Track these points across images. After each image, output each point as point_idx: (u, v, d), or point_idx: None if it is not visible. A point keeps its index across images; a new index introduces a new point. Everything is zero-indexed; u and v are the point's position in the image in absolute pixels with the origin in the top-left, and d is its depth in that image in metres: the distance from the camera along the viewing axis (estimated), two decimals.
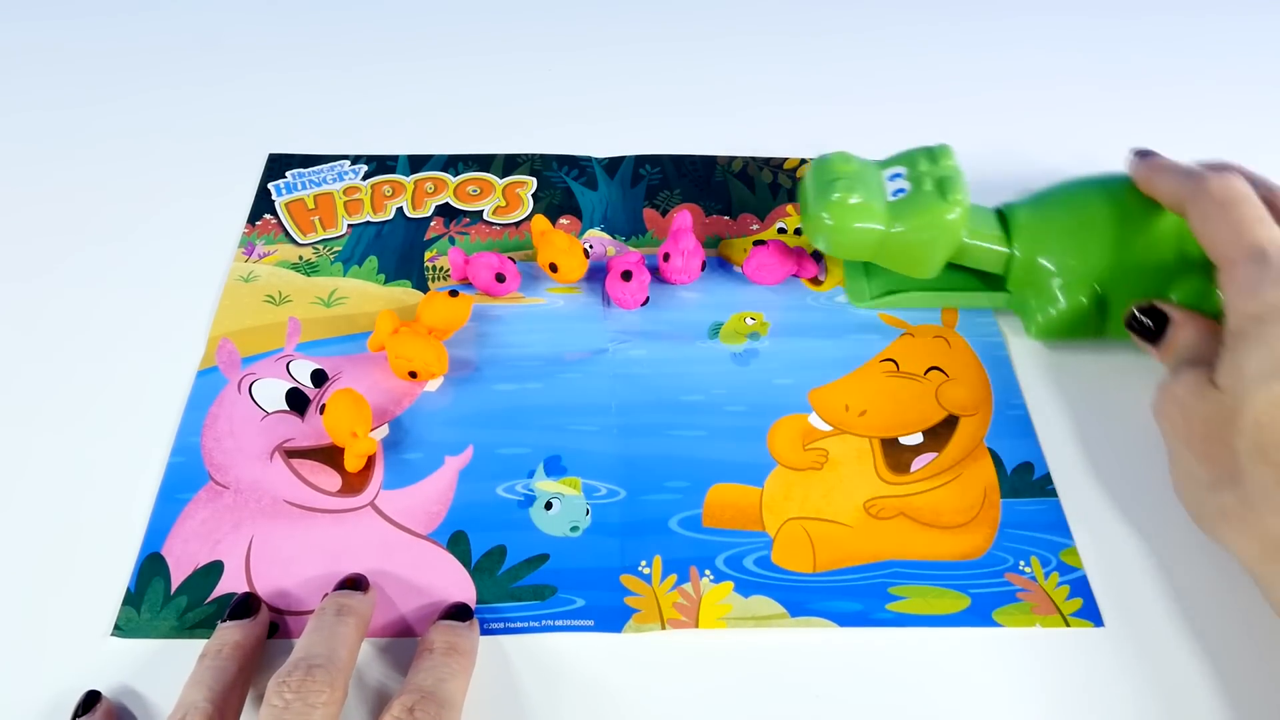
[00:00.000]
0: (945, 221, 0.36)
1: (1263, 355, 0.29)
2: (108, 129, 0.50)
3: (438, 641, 0.29)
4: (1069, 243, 0.38)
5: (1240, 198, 0.32)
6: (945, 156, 0.38)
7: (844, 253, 0.39)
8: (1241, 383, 0.29)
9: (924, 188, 0.37)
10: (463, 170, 0.48)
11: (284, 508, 0.34)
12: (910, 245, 0.37)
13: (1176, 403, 0.32)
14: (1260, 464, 0.28)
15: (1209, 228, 0.33)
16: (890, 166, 0.39)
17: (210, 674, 0.28)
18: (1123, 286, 0.38)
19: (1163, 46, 0.60)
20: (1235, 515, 0.29)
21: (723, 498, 0.35)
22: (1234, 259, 0.31)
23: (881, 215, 0.37)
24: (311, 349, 0.39)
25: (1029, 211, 0.39)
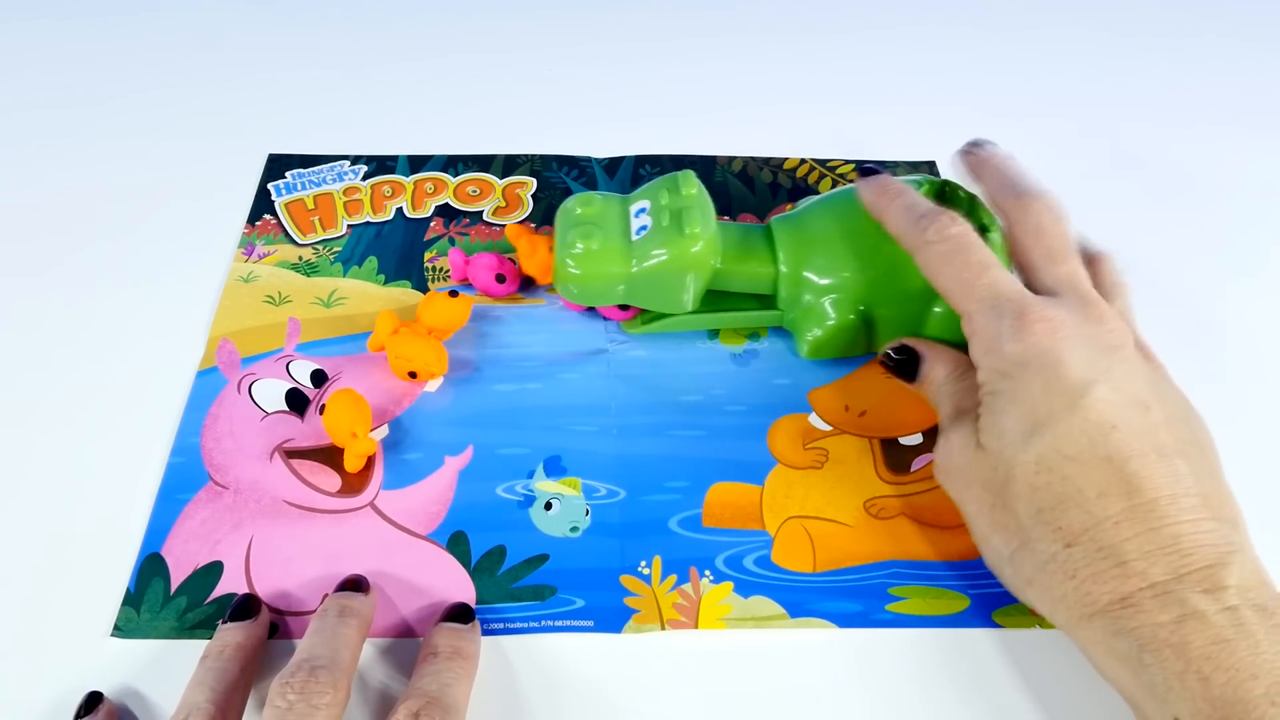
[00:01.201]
0: (689, 255, 0.35)
1: (1017, 414, 0.28)
2: (108, 129, 0.50)
3: (441, 645, 0.29)
4: (833, 258, 0.37)
5: (961, 245, 0.31)
6: (687, 185, 0.37)
7: (595, 300, 0.38)
8: (1004, 445, 0.28)
9: (662, 223, 0.36)
10: (463, 171, 0.48)
11: (284, 508, 0.34)
12: (659, 282, 0.36)
13: (957, 467, 0.31)
14: (1042, 528, 0.28)
15: (939, 280, 0.31)
16: (635, 201, 0.38)
17: (212, 675, 0.28)
18: (889, 302, 0.37)
19: (1170, 45, 0.60)
20: (1038, 583, 0.28)
21: (723, 497, 0.35)
22: (969, 311, 0.30)
23: (623, 257, 0.36)
24: (311, 349, 0.39)
25: (792, 226, 0.38)
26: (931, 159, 0.50)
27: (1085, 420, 0.27)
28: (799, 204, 0.40)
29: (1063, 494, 0.27)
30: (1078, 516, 0.27)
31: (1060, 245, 0.31)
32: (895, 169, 0.49)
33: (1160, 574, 0.26)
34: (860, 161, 0.50)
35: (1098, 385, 0.27)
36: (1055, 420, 0.27)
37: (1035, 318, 0.28)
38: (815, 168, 0.49)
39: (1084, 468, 0.27)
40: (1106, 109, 0.54)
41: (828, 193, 0.39)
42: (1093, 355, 0.28)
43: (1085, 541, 0.27)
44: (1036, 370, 0.28)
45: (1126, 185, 0.49)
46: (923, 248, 0.32)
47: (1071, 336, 0.28)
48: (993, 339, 0.29)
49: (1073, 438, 0.27)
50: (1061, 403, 0.27)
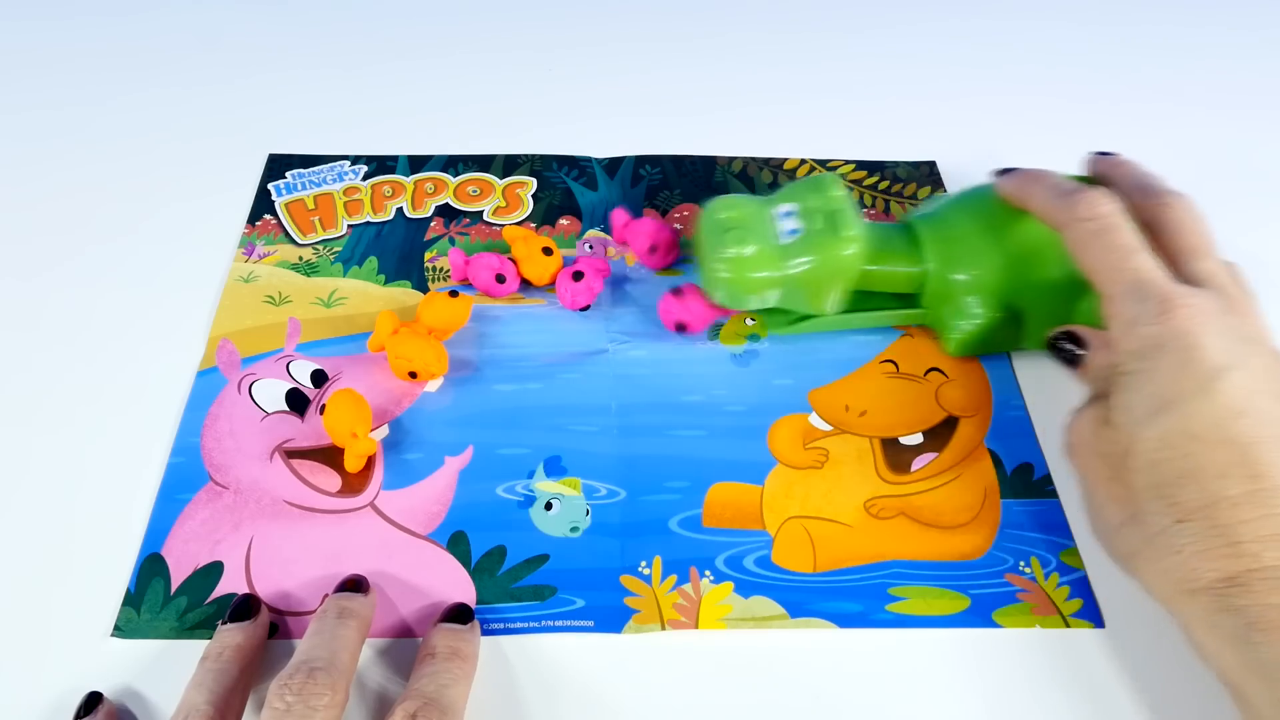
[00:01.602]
0: (842, 258, 0.35)
1: (1148, 393, 0.29)
2: (108, 129, 0.50)
3: (440, 646, 0.29)
4: (979, 255, 0.37)
5: (1109, 225, 0.31)
6: (833, 187, 0.36)
7: (746, 303, 0.37)
8: (1131, 421, 0.29)
9: (815, 225, 0.36)
10: (463, 171, 0.48)
11: (284, 508, 0.34)
12: (811, 285, 0.36)
13: (1083, 442, 0.32)
14: (1157, 502, 0.28)
15: (1084, 258, 0.32)
16: (779, 204, 0.37)
17: (212, 676, 0.28)
18: (1036, 298, 0.37)
19: (1162, 47, 0.60)
20: (1143, 555, 0.29)
21: (723, 496, 0.35)
22: (1111, 294, 0.31)
23: (777, 261, 0.36)
24: (311, 349, 0.39)
25: (936, 225, 0.38)
26: (932, 159, 0.50)
27: (1215, 403, 0.27)
28: (932, 201, 0.40)
29: (1183, 470, 0.27)
30: (1195, 493, 0.27)
31: (1204, 242, 0.32)
32: (895, 169, 0.49)
33: (1274, 558, 0.26)
34: (861, 161, 0.50)
35: (1233, 371, 0.28)
36: (1185, 400, 0.28)
37: (1180, 303, 0.29)
38: (815, 168, 0.49)
39: (1207, 447, 0.27)
40: (1107, 109, 0.54)
41: (965, 189, 0.39)
42: (1231, 343, 0.28)
43: (1199, 518, 0.27)
44: (1172, 352, 0.28)
45: None
46: (1071, 224, 0.32)
47: (1213, 324, 0.28)
48: (1133, 321, 0.29)
49: (1200, 418, 0.27)
50: (1193, 384, 0.28)
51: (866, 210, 0.47)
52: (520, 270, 0.41)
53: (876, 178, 0.49)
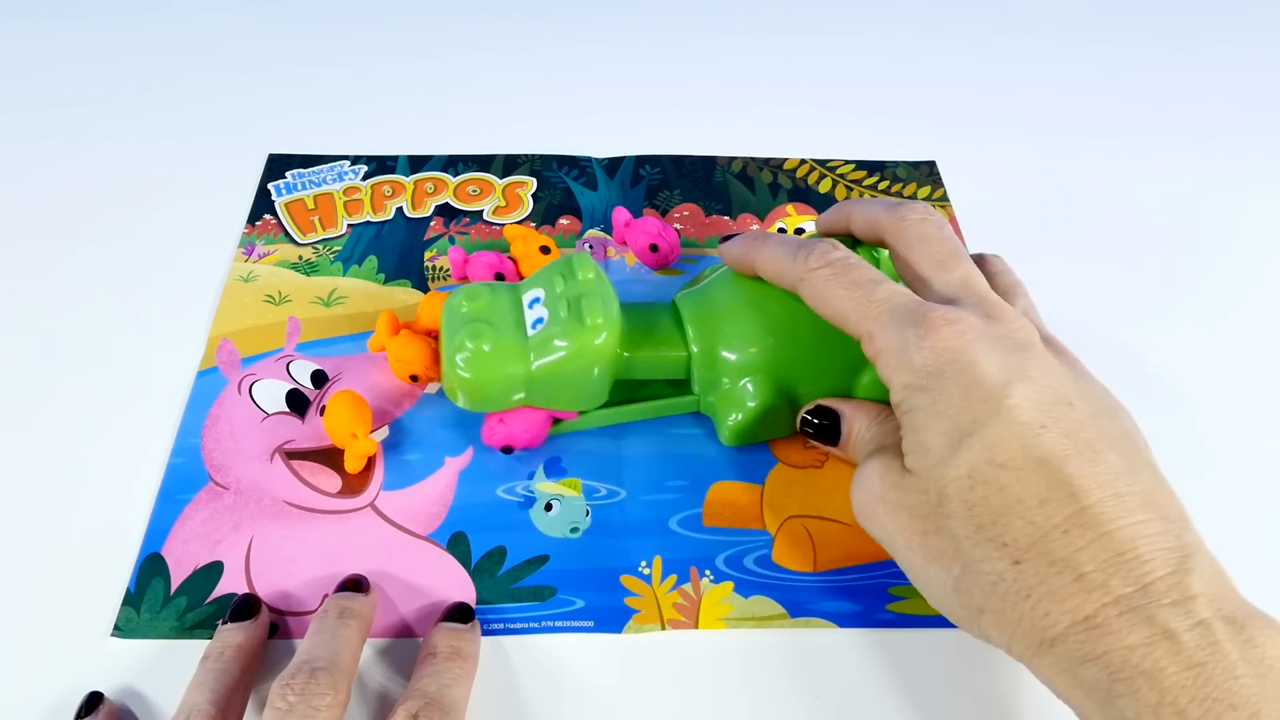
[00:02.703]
0: (592, 347, 0.32)
1: (940, 427, 0.26)
2: (107, 129, 0.50)
3: (441, 646, 0.29)
4: (744, 333, 0.34)
5: (844, 266, 0.29)
6: (583, 269, 0.33)
7: (492, 404, 0.33)
8: (931, 464, 0.26)
9: (559, 313, 0.32)
10: (463, 170, 0.48)
11: (284, 509, 0.34)
12: (562, 380, 0.32)
13: (878, 500, 0.28)
14: (985, 547, 0.25)
15: (830, 305, 0.29)
16: (528, 290, 0.34)
17: (212, 676, 0.28)
18: (812, 377, 0.34)
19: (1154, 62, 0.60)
20: (990, 610, 0.25)
21: (723, 496, 0.35)
22: (869, 330, 0.28)
23: (520, 356, 0.32)
24: (311, 349, 0.39)
25: (699, 301, 0.35)
26: (932, 159, 0.50)
27: (1012, 422, 0.25)
28: (703, 275, 0.37)
29: (1001, 506, 0.25)
30: (1022, 529, 0.25)
31: (948, 249, 0.30)
32: (895, 169, 0.49)
33: (1123, 586, 0.23)
34: (861, 161, 0.50)
35: (1017, 384, 0.26)
36: (981, 426, 0.25)
37: (939, 322, 0.26)
38: (815, 168, 0.49)
39: (1020, 474, 0.25)
40: (1108, 109, 0.54)
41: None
42: (1005, 355, 0.26)
43: (1034, 556, 0.24)
44: (951, 376, 0.26)
45: (1128, 183, 0.49)
46: (806, 278, 0.30)
47: (980, 338, 0.26)
48: (899, 353, 0.27)
49: (1003, 443, 0.25)
50: (984, 407, 0.25)
51: None
52: (519, 269, 0.41)
53: (876, 178, 0.49)
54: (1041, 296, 0.43)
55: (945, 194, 0.48)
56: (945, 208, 0.47)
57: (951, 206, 0.47)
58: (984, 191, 0.48)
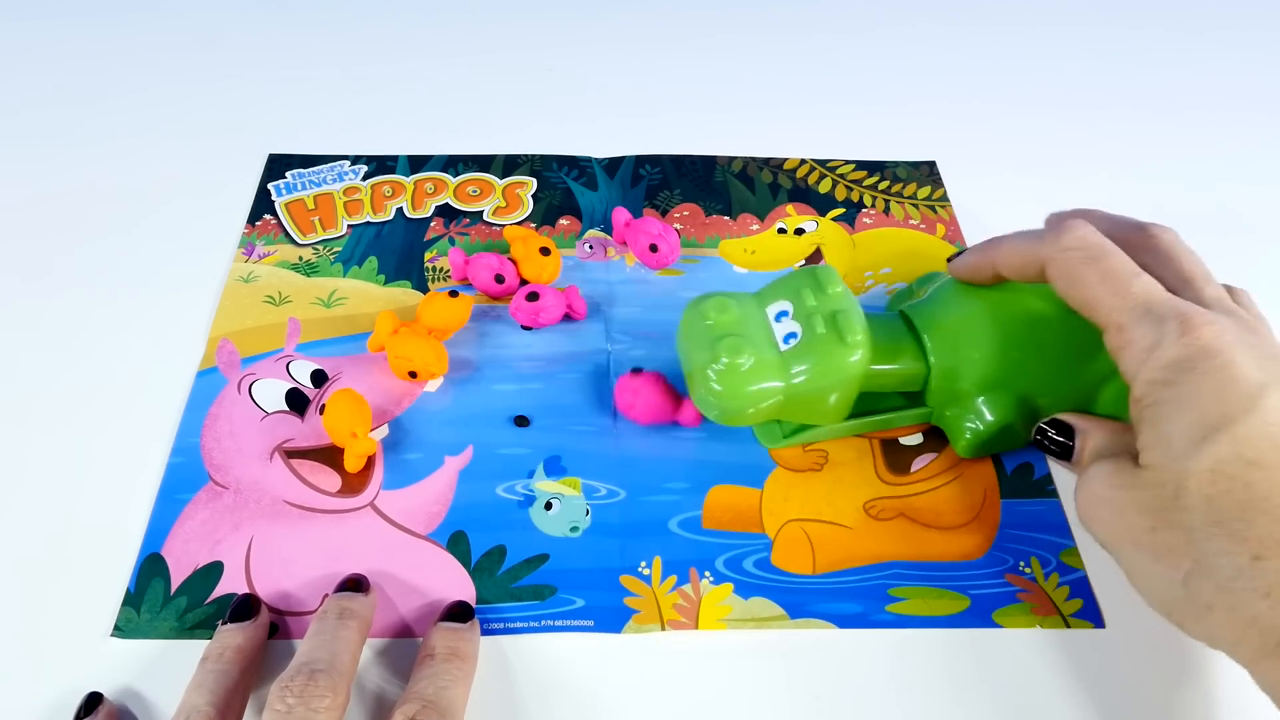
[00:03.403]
0: (848, 365, 0.32)
1: (1186, 420, 0.26)
2: (108, 129, 0.50)
3: (439, 646, 0.29)
4: (986, 347, 0.33)
5: (1100, 251, 0.29)
6: (831, 282, 0.33)
7: (741, 420, 0.33)
8: (1172, 455, 0.26)
9: (816, 330, 0.32)
10: (463, 171, 0.48)
11: (284, 508, 0.34)
12: (812, 394, 0.32)
13: (1103, 501, 0.28)
14: (1224, 540, 0.25)
15: (1080, 289, 0.29)
16: (772, 301, 0.33)
17: (212, 678, 0.28)
18: (1052, 389, 0.34)
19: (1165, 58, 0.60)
20: (1220, 606, 0.25)
21: (722, 499, 0.35)
22: (1120, 322, 0.28)
23: (778, 371, 0.32)
24: (311, 349, 0.39)
25: (934, 315, 0.34)
26: (932, 159, 0.50)
27: (1267, 422, 0.25)
28: (925, 287, 0.36)
29: (1246, 501, 0.24)
30: (1266, 525, 0.24)
31: (1202, 270, 0.30)
32: (895, 169, 0.49)
33: None
34: (861, 161, 0.50)
35: (1274, 387, 0.25)
36: (1233, 422, 0.25)
37: (1201, 322, 0.26)
38: (815, 168, 0.49)
39: (1270, 473, 0.24)
40: (1108, 108, 0.54)
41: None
42: (1263, 360, 0.26)
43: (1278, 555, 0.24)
44: (1205, 373, 0.26)
45: (1129, 183, 0.49)
46: (1058, 258, 0.30)
47: (1239, 341, 0.26)
48: (1149, 348, 0.27)
49: (1254, 440, 0.25)
50: (1238, 405, 0.25)
51: (866, 210, 0.47)
52: (519, 270, 0.41)
53: (876, 178, 0.49)
54: None
55: (945, 194, 0.48)
56: (945, 208, 0.47)
57: (951, 206, 0.47)
58: (984, 191, 0.48)
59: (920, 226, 0.46)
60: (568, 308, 0.40)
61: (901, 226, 0.46)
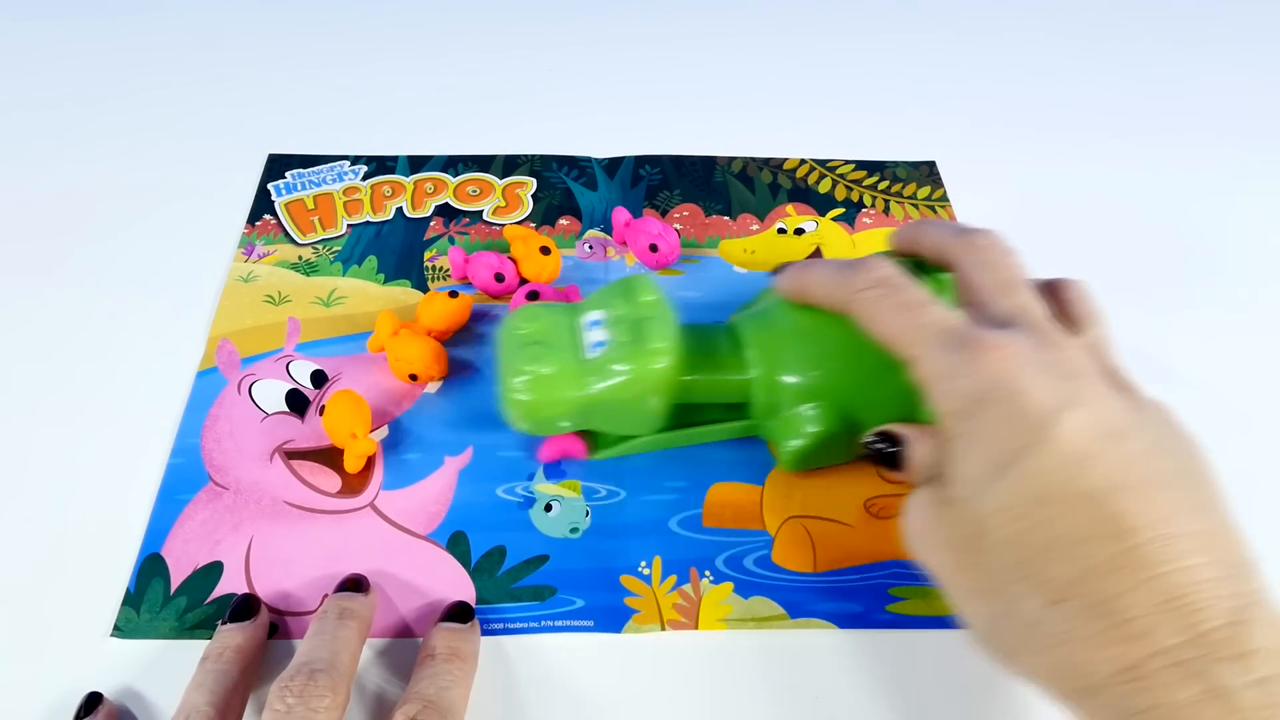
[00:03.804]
0: (652, 372, 0.31)
1: (979, 456, 0.25)
2: (107, 129, 0.50)
3: (440, 647, 0.29)
4: (809, 357, 0.33)
5: (893, 286, 0.28)
6: (644, 291, 0.32)
7: (548, 428, 0.33)
8: (971, 495, 0.25)
9: (622, 336, 0.31)
10: (462, 171, 0.48)
11: (284, 509, 0.34)
12: (622, 404, 0.32)
13: (919, 534, 0.27)
14: (1022, 584, 0.24)
15: (878, 327, 0.28)
16: (586, 311, 0.33)
17: (212, 678, 0.28)
18: (875, 403, 0.32)
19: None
20: (1026, 651, 0.24)
21: (723, 497, 0.35)
22: (915, 355, 0.27)
23: (581, 379, 0.31)
24: (311, 349, 0.39)
25: (759, 325, 0.34)
26: (932, 159, 0.50)
27: (1057, 452, 0.24)
28: (759, 297, 0.36)
29: (1042, 541, 0.24)
30: (1062, 566, 0.23)
31: (1009, 276, 0.29)
32: (895, 169, 0.49)
33: (1172, 636, 0.22)
34: (861, 161, 0.50)
35: (1065, 412, 0.24)
36: (1024, 456, 0.24)
37: (987, 346, 0.25)
38: (815, 168, 0.49)
39: (1063, 509, 0.23)
40: (1109, 108, 0.54)
41: None
42: (1056, 381, 0.25)
43: (1074, 597, 0.23)
44: (996, 402, 0.25)
45: (1129, 183, 0.49)
46: (853, 300, 0.29)
47: (1029, 363, 0.25)
48: (944, 378, 0.26)
49: (1045, 474, 0.24)
50: (1028, 435, 0.24)
51: (866, 210, 0.47)
52: (519, 269, 0.41)
53: (876, 178, 0.49)
54: None
55: (945, 194, 0.48)
56: (945, 208, 0.47)
57: (951, 206, 0.47)
58: (984, 191, 0.48)
59: None
60: None
61: None
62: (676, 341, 0.32)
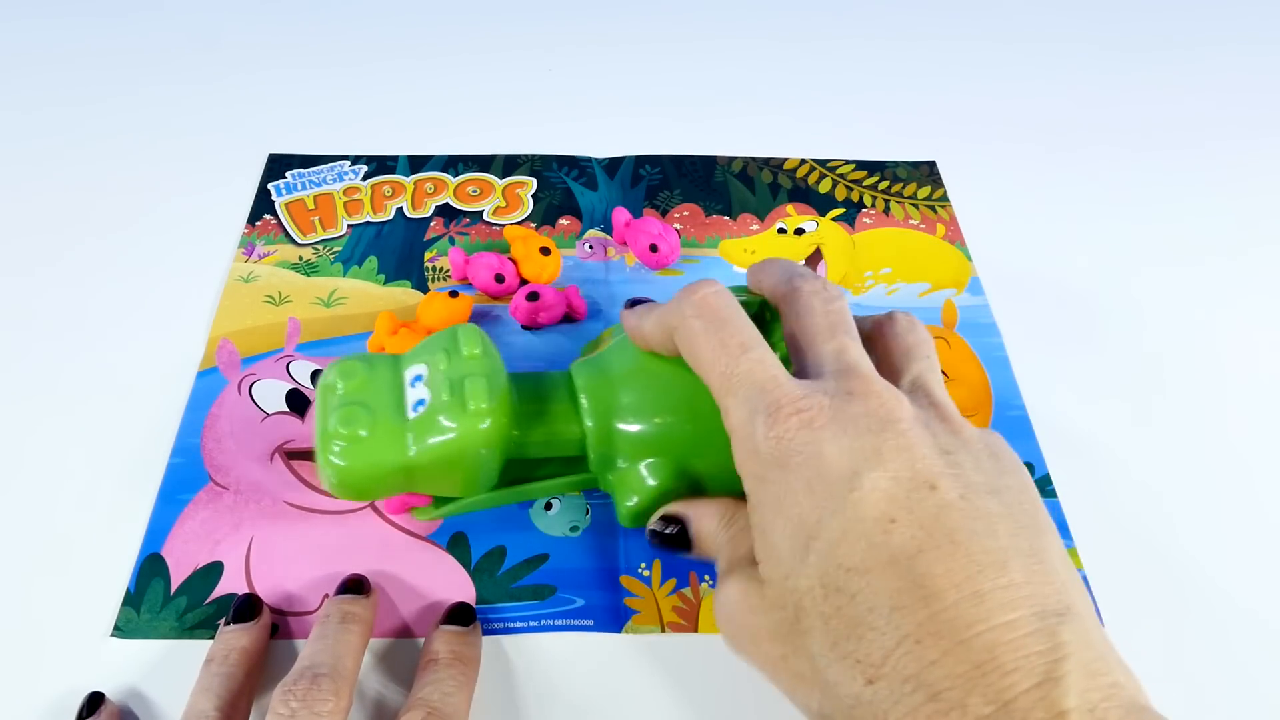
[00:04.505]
0: (476, 433, 0.28)
1: (785, 527, 0.23)
2: (108, 129, 0.50)
3: (442, 651, 0.29)
4: (645, 407, 0.30)
5: (720, 319, 0.26)
6: (470, 344, 0.29)
7: (370, 494, 0.30)
8: (783, 571, 0.23)
9: (441, 396, 0.29)
10: (463, 171, 0.48)
11: (284, 509, 0.34)
12: (446, 465, 0.29)
13: (738, 628, 0.25)
14: (839, 665, 0.22)
15: (695, 362, 0.27)
16: (410, 365, 0.30)
17: (218, 681, 0.28)
18: (714, 457, 0.29)
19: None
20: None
21: None
22: (726, 404, 0.25)
23: (397, 441, 0.28)
24: (311, 349, 0.39)
25: (595, 371, 0.31)
26: (932, 159, 0.50)
27: (858, 519, 0.22)
28: (604, 336, 0.33)
29: (855, 617, 0.22)
30: (874, 642, 0.22)
31: (827, 322, 0.27)
32: (895, 169, 0.49)
33: (982, 705, 0.20)
34: (861, 161, 0.50)
35: (865, 473, 0.23)
36: (825, 526, 0.23)
37: (789, 410, 0.24)
38: (815, 168, 0.49)
39: (870, 578, 0.22)
40: (1109, 108, 0.54)
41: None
42: (857, 439, 0.23)
43: (887, 674, 0.21)
44: (795, 469, 0.23)
45: (1129, 182, 0.49)
46: (680, 325, 0.27)
47: (830, 423, 0.24)
48: (748, 438, 0.25)
49: (848, 543, 0.22)
50: (828, 503, 0.23)
51: (866, 210, 0.47)
52: (519, 270, 0.41)
53: (876, 178, 0.49)
54: (1043, 294, 0.43)
55: (945, 194, 0.48)
56: (945, 208, 0.47)
57: (951, 206, 0.47)
58: (984, 191, 0.48)
59: (920, 226, 0.46)
60: (568, 307, 0.40)
61: (901, 226, 0.46)
62: (501, 399, 0.29)
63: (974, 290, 0.43)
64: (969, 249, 0.45)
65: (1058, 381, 0.40)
